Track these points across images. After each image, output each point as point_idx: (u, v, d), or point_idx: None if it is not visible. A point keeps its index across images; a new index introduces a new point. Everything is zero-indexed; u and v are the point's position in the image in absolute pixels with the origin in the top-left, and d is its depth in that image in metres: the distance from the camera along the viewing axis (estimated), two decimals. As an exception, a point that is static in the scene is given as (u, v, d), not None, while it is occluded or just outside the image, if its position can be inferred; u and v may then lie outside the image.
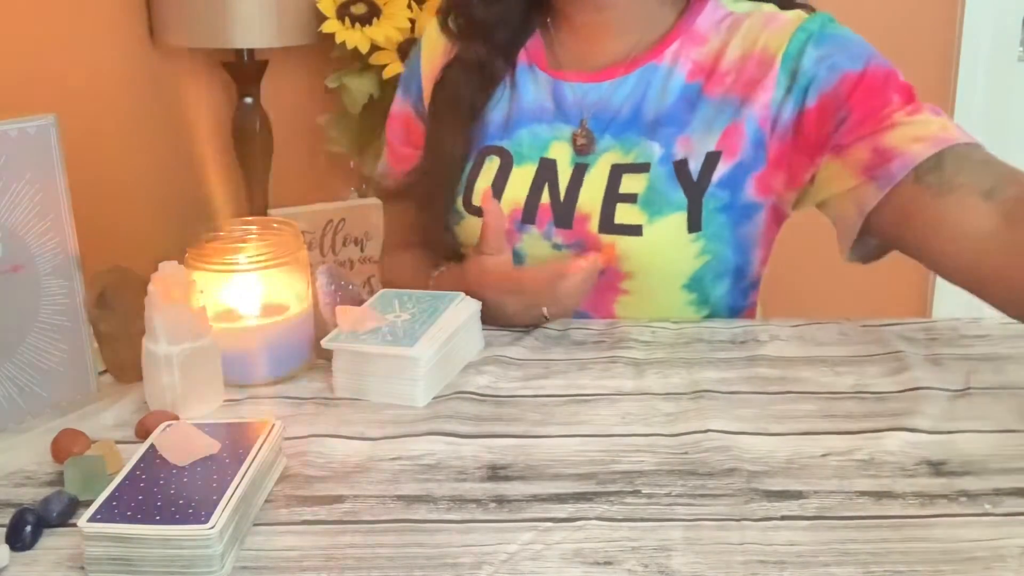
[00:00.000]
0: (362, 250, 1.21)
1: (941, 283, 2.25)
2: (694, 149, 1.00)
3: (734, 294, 1.10)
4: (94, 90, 1.61)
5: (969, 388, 0.87)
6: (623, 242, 1.01)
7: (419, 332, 0.87)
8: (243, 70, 1.93)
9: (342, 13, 1.82)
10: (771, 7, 1.04)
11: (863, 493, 0.71)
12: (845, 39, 0.99)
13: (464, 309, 0.93)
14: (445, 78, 1.12)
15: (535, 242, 1.06)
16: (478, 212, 1.05)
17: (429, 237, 1.13)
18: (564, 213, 1.04)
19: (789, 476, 0.73)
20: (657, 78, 1.04)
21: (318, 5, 1.83)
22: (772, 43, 1.00)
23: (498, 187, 1.06)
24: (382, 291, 0.98)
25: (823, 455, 0.76)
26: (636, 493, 0.71)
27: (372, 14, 1.82)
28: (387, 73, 1.82)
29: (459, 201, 1.10)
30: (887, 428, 0.79)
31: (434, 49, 1.16)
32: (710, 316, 1.08)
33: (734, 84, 1.01)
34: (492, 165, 1.07)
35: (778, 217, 1.09)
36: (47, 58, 1.47)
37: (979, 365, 0.91)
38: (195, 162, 1.96)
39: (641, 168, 1.01)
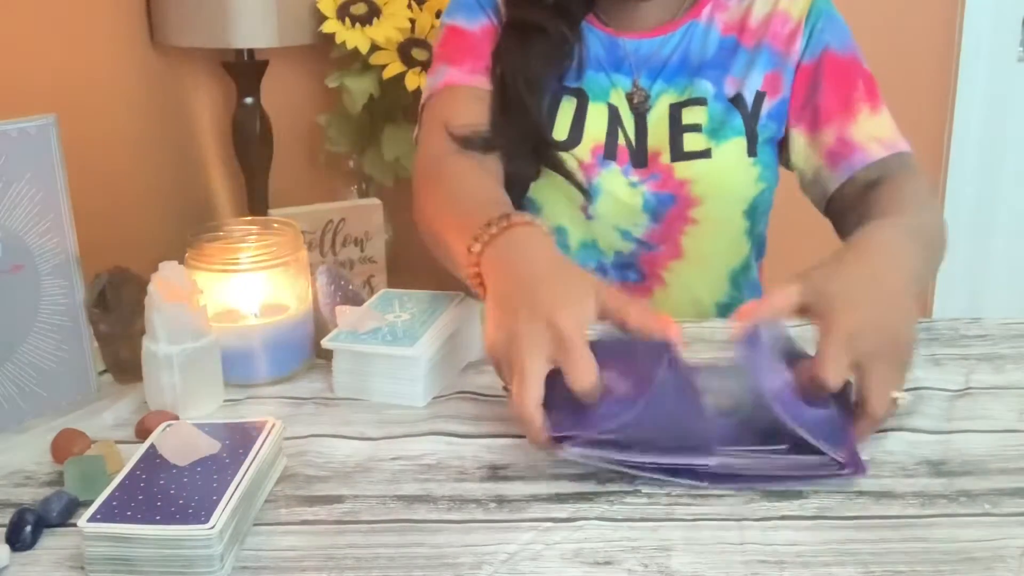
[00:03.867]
0: (362, 250, 1.20)
1: (941, 283, 2.25)
2: (744, 86, 1.12)
3: (759, 248, 1.21)
4: (94, 90, 1.61)
5: (969, 388, 0.87)
6: (695, 166, 1.10)
7: (419, 332, 0.87)
8: (243, 70, 1.92)
9: (342, 13, 1.81)
10: None
11: (863, 493, 0.71)
12: (838, 21, 1.15)
13: (464, 309, 0.93)
14: (517, 46, 1.13)
15: (614, 178, 1.12)
16: (560, 147, 1.12)
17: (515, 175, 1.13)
18: (638, 154, 1.12)
19: (789, 476, 0.73)
20: (698, 33, 1.15)
21: (318, 5, 1.82)
22: (793, 8, 1.14)
23: (578, 124, 1.13)
24: (382, 291, 0.98)
25: (823, 455, 0.76)
26: (636, 493, 0.71)
27: (372, 14, 1.82)
28: (387, 73, 1.81)
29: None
30: (887, 428, 0.79)
31: None
32: (750, 256, 1.18)
33: (764, 36, 1.14)
34: (570, 104, 1.14)
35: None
36: (47, 58, 1.47)
37: (979, 365, 0.92)
38: (195, 162, 1.96)
39: (698, 102, 1.12)
